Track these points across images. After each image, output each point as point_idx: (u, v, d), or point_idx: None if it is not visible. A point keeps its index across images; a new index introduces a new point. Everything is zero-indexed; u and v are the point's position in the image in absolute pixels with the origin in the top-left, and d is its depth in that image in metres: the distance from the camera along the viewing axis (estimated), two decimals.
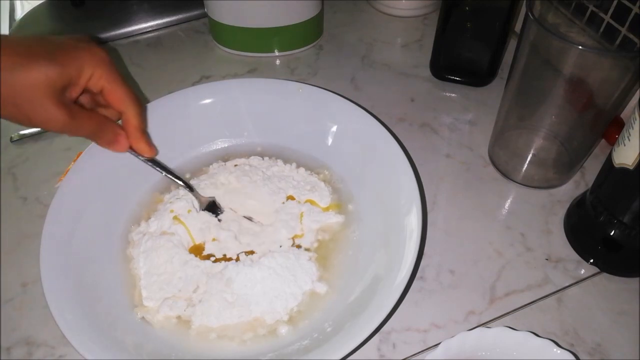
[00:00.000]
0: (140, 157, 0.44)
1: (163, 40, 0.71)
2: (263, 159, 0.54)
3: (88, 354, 0.36)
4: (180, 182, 0.47)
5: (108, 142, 0.42)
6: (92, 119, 0.40)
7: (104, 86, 0.40)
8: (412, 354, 0.42)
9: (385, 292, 0.39)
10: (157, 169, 0.46)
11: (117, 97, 0.40)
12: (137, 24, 0.72)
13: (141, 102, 0.43)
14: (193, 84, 0.65)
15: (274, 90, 0.54)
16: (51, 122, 0.37)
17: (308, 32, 0.69)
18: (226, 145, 0.55)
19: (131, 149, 0.43)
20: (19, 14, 0.73)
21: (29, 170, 0.56)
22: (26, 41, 0.36)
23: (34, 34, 0.70)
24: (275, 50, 0.68)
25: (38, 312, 0.44)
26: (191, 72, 0.66)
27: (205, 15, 0.69)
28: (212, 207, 0.49)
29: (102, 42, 0.70)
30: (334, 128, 0.52)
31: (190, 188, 0.48)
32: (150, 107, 0.52)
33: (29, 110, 0.36)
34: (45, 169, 0.55)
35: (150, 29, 0.72)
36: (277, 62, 0.69)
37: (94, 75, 0.39)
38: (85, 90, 0.40)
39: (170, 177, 0.47)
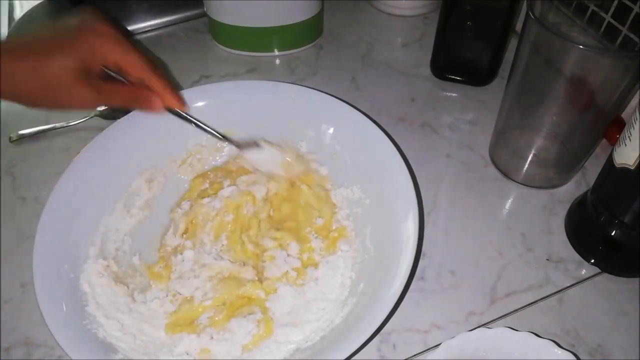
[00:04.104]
0: (175, 113, 0.46)
1: (162, 40, 0.71)
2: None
3: (75, 354, 0.36)
4: (215, 133, 0.48)
5: (144, 108, 0.44)
6: (121, 91, 0.42)
7: (118, 61, 0.41)
8: (412, 354, 0.42)
9: (384, 292, 0.39)
10: (194, 121, 0.47)
11: (133, 67, 0.42)
12: (136, 24, 0.72)
13: (157, 65, 0.44)
14: (192, 84, 0.64)
15: (271, 92, 0.54)
16: (84, 103, 0.41)
17: (308, 32, 0.68)
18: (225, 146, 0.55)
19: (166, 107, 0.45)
20: (18, 13, 0.73)
21: (29, 170, 0.56)
22: (40, 37, 0.39)
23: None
24: (275, 50, 0.68)
25: (38, 312, 0.43)
26: (191, 72, 0.66)
27: (204, 14, 0.69)
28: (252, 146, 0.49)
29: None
30: (331, 131, 0.52)
31: (224, 137, 0.48)
32: None
33: (61, 98, 0.40)
34: (45, 169, 0.55)
35: (149, 28, 0.72)
36: (277, 61, 0.68)
37: (106, 53, 0.40)
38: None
39: (205, 128, 0.47)
